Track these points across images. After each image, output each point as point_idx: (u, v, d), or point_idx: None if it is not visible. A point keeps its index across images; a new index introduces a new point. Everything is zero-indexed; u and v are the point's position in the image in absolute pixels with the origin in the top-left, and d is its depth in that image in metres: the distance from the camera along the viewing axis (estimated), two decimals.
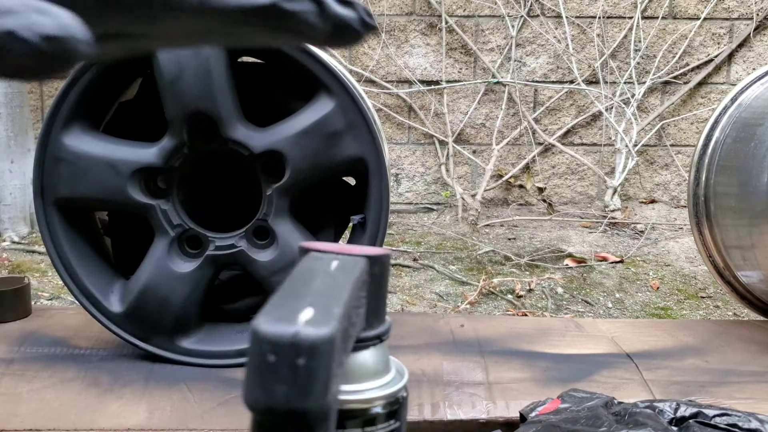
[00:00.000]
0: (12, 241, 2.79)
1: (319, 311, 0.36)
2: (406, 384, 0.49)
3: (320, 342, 0.34)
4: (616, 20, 3.34)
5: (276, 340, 0.34)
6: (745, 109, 1.42)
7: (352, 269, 0.43)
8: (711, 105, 3.36)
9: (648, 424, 0.84)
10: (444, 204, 3.43)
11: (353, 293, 0.41)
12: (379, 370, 0.48)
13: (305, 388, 0.34)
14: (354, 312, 0.42)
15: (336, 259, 0.44)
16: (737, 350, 1.29)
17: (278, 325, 0.34)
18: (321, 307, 0.37)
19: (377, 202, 1.17)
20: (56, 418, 1.02)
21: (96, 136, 1.15)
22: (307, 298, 0.37)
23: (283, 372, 0.34)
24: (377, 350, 0.48)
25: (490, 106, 3.40)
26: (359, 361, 0.47)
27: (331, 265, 0.43)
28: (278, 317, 0.35)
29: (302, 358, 0.34)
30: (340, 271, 0.42)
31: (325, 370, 0.34)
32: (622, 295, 2.36)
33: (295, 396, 0.34)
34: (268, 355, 0.34)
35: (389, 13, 3.33)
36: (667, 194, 3.45)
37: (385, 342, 0.49)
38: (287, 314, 0.35)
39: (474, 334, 1.32)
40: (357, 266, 0.44)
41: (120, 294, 1.19)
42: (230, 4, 0.30)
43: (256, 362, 0.34)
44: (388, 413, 0.47)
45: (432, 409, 1.07)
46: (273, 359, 0.34)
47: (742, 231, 1.37)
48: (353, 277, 0.42)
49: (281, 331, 0.34)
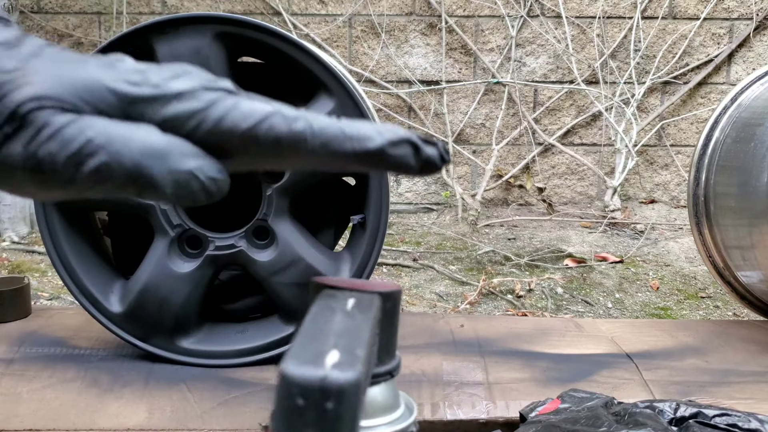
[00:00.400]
0: (12, 241, 2.79)
1: (344, 354, 0.36)
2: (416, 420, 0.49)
3: (348, 386, 0.34)
4: (615, 20, 3.34)
5: (305, 384, 0.34)
6: (744, 109, 1.42)
7: (368, 308, 0.44)
8: (711, 105, 3.36)
9: (648, 424, 0.84)
10: (444, 204, 3.43)
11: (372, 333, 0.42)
12: (388, 405, 0.49)
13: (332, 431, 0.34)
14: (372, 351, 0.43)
15: (352, 297, 0.45)
16: (737, 350, 1.29)
17: (306, 368, 0.35)
18: (345, 349, 0.37)
19: (377, 202, 1.17)
20: (56, 418, 1.02)
21: None
22: (330, 340, 0.38)
23: (312, 416, 0.34)
24: (387, 386, 0.49)
25: (490, 106, 3.40)
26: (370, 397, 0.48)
27: (348, 304, 0.43)
28: (305, 360, 0.35)
29: (330, 402, 0.34)
30: (357, 310, 0.43)
31: (352, 413, 0.35)
32: (621, 296, 2.36)
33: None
34: (296, 398, 0.34)
35: (389, 13, 3.33)
36: (667, 194, 3.45)
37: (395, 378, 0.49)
38: (314, 357, 0.35)
39: (474, 334, 1.31)
40: (372, 304, 0.44)
41: (120, 294, 1.19)
42: (346, 150, 0.37)
43: (285, 406, 0.34)
44: None
45: (432, 409, 1.07)
46: (302, 403, 0.34)
47: (742, 231, 1.37)
48: (370, 316, 0.42)
49: (310, 375, 0.34)
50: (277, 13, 3.31)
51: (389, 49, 3.34)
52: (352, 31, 3.35)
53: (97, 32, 3.33)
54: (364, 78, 3.34)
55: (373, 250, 1.18)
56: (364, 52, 3.35)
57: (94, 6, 3.33)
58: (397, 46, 3.35)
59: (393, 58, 3.34)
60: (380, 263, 2.56)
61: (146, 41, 1.10)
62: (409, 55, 3.36)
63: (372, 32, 3.34)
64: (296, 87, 1.22)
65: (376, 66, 3.35)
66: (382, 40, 3.33)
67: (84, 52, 3.34)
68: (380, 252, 1.19)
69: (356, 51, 3.36)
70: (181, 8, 3.32)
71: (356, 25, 3.34)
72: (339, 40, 3.35)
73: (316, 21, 3.34)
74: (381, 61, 3.35)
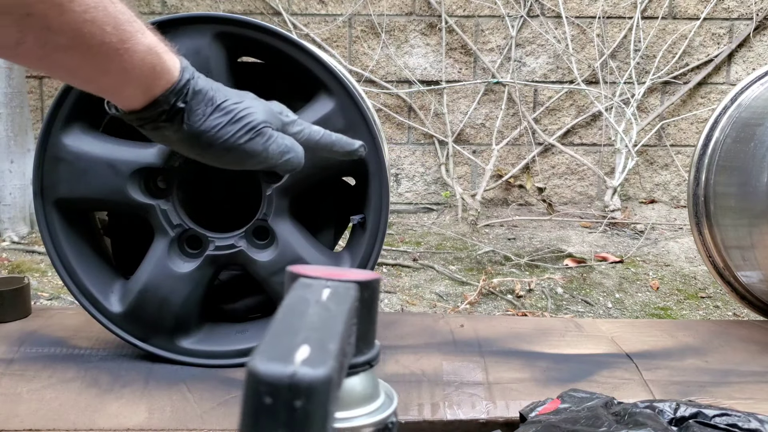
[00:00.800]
0: (12, 241, 2.79)
1: (315, 349, 0.35)
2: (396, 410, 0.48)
3: (318, 383, 0.33)
4: (615, 20, 3.34)
5: (273, 382, 0.33)
6: (744, 109, 1.42)
7: (344, 298, 0.42)
8: (711, 105, 3.36)
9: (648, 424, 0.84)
10: (444, 204, 3.43)
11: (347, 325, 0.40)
12: (368, 395, 0.47)
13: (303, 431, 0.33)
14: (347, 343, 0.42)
15: (327, 287, 0.43)
16: (737, 350, 1.29)
17: (274, 365, 0.33)
18: (317, 343, 0.35)
19: (377, 202, 1.17)
20: (56, 418, 1.02)
21: (96, 136, 1.15)
22: (301, 334, 0.36)
23: (281, 415, 0.33)
24: (366, 376, 0.47)
25: (489, 106, 3.40)
26: (348, 388, 0.46)
27: (323, 295, 0.42)
28: (274, 357, 0.34)
29: (300, 400, 0.33)
30: (332, 301, 0.41)
31: (322, 411, 0.33)
32: (621, 295, 2.36)
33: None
34: (264, 397, 0.33)
35: (389, 13, 3.33)
36: (667, 194, 3.45)
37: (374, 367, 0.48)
38: (283, 353, 0.34)
39: (474, 334, 1.31)
40: (348, 294, 0.43)
41: (120, 294, 1.19)
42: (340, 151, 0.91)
43: (252, 405, 0.33)
44: None
45: (432, 409, 1.07)
46: (269, 402, 0.33)
47: (742, 231, 1.37)
48: (346, 307, 0.41)
49: (278, 372, 0.33)
50: (277, 13, 3.31)
51: (389, 49, 3.34)
52: (352, 31, 3.35)
53: None
54: (364, 78, 3.34)
55: (373, 250, 1.18)
56: (364, 52, 3.35)
57: None
58: (397, 46, 3.35)
59: (393, 58, 3.34)
60: (380, 263, 2.56)
61: None
62: (409, 55, 3.36)
63: (372, 32, 3.34)
64: (296, 87, 1.22)
65: (376, 66, 3.35)
66: (382, 40, 3.33)
67: None
68: (380, 252, 1.18)
69: (356, 51, 3.36)
70: (181, 8, 3.32)
71: (356, 25, 3.34)
72: (339, 40, 3.35)
73: (316, 21, 3.34)
74: (381, 61, 3.35)
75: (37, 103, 3.36)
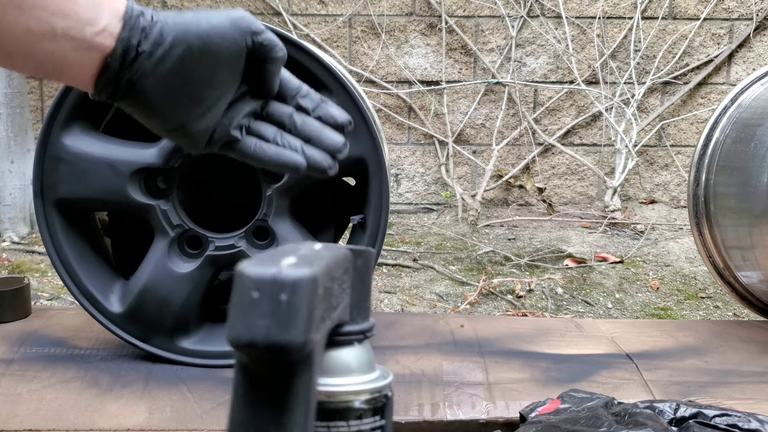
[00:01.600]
0: (12, 241, 2.79)
1: (300, 259, 0.38)
2: (391, 384, 0.49)
3: (302, 279, 0.36)
4: (615, 20, 3.34)
5: (259, 278, 0.36)
6: (744, 109, 1.42)
7: (335, 250, 0.45)
8: (711, 105, 3.36)
9: (648, 425, 0.84)
10: (444, 204, 3.43)
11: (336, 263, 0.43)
12: (364, 366, 0.49)
13: (286, 323, 0.35)
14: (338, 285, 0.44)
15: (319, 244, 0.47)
16: (737, 351, 1.29)
17: (261, 267, 0.36)
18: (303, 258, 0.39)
19: (377, 202, 1.17)
20: (56, 419, 1.02)
21: (96, 137, 1.15)
22: (291, 255, 0.39)
23: (265, 307, 0.35)
24: (362, 347, 0.49)
25: (490, 106, 3.40)
26: (345, 356, 0.48)
27: (315, 245, 0.45)
28: (261, 262, 0.37)
29: (284, 294, 0.35)
30: (324, 249, 0.45)
31: (306, 306, 0.36)
32: (622, 296, 2.36)
33: (276, 330, 0.35)
34: (251, 291, 0.36)
35: (389, 13, 3.33)
36: (667, 194, 3.45)
37: (369, 341, 0.50)
38: (270, 261, 0.37)
39: (474, 334, 1.31)
40: (341, 250, 0.46)
41: (120, 294, 1.19)
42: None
43: (239, 299, 0.36)
44: (374, 409, 0.48)
45: (432, 409, 1.07)
46: (256, 296, 0.36)
47: (742, 231, 1.37)
48: (335, 254, 0.44)
49: (264, 271, 0.36)
50: (277, 14, 3.31)
51: (389, 50, 3.34)
52: (352, 32, 3.35)
53: None
54: (364, 78, 3.34)
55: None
56: (364, 52, 3.35)
57: None
58: (397, 46, 3.35)
59: (393, 59, 3.34)
60: (380, 263, 2.56)
61: None
62: (409, 55, 3.36)
63: (372, 32, 3.34)
64: None
65: (376, 66, 3.35)
66: (382, 40, 3.33)
67: None
68: (380, 252, 1.18)
69: (356, 51, 3.36)
70: (181, 9, 3.32)
71: (356, 26, 3.34)
72: (339, 41, 3.35)
73: (316, 21, 3.34)
74: (381, 62, 3.35)
75: (37, 103, 3.36)
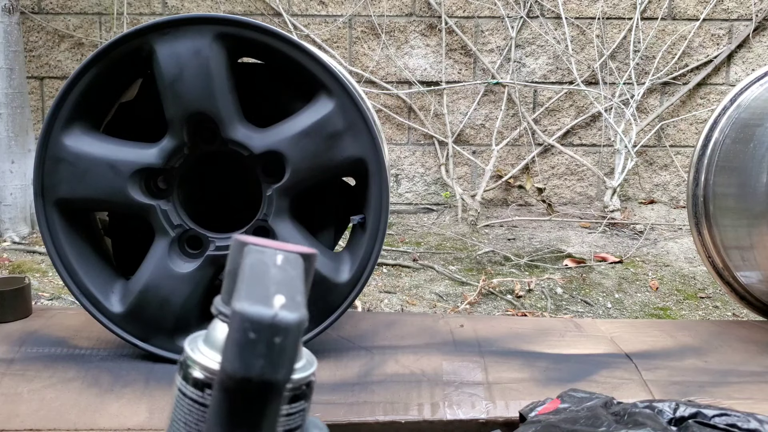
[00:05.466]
0: (12, 241, 2.80)
1: (288, 298, 0.42)
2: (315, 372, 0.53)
3: (294, 324, 0.40)
4: (615, 21, 3.35)
5: (258, 320, 0.39)
6: (744, 110, 1.43)
7: (295, 263, 0.49)
8: (710, 106, 3.36)
9: (647, 424, 0.84)
10: (444, 204, 3.43)
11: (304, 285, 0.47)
12: None
13: (278, 363, 0.40)
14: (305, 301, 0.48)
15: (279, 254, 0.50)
16: (736, 350, 1.29)
17: (258, 307, 0.40)
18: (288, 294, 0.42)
19: (377, 203, 1.17)
20: (56, 418, 1.02)
21: (96, 137, 1.16)
22: (272, 286, 0.43)
23: (261, 348, 0.39)
24: None
25: (489, 106, 3.40)
26: None
27: (277, 260, 0.49)
28: (256, 301, 0.40)
29: (279, 337, 0.39)
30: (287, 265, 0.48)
31: (294, 349, 0.40)
32: (621, 296, 2.36)
33: (269, 369, 0.39)
34: (249, 332, 0.39)
35: (389, 14, 3.33)
36: (667, 195, 3.45)
37: None
38: (262, 299, 0.41)
39: (474, 334, 1.32)
40: (298, 262, 0.50)
41: (120, 294, 1.19)
42: None
43: (238, 338, 0.40)
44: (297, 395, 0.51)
45: (432, 409, 1.07)
46: (253, 336, 0.39)
47: (741, 231, 1.37)
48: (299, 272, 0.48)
49: (262, 313, 0.40)
50: (278, 14, 3.31)
51: (389, 50, 3.34)
52: (353, 32, 3.35)
53: (98, 33, 3.34)
54: (365, 79, 3.35)
55: (373, 251, 1.18)
56: (365, 52, 3.36)
57: (94, 6, 3.33)
58: (397, 46, 3.35)
59: (393, 59, 3.35)
60: (380, 263, 2.56)
61: (147, 42, 1.10)
62: (409, 55, 3.37)
63: (372, 33, 3.35)
64: (296, 88, 1.22)
65: (376, 67, 3.36)
66: (382, 40, 3.33)
67: (84, 52, 3.34)
68: (380, 252, 1.19)
69: (356, 52, 3.36)
70: (181, 9, 3.32)
71: (356, 26, 3.35)
72: (339, 41, 3.35)
73: (316, 22, 3.34)
74: (381, 62, 3.36)
75: (37, 103, 3.37)
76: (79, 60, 3.35)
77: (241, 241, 0.52)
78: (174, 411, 0.52)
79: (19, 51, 2.82)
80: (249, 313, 0.40)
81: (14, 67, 2.79)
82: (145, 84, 1.26)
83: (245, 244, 0.51)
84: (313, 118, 1.12)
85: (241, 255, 0.50)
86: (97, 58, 1.10)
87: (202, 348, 0.51)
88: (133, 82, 1.24)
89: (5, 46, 2.75)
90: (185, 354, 0.52)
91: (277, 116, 1.16)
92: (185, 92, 1.09)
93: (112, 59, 1.11)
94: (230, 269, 0.52)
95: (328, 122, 1.12)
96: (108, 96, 1.20)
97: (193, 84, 1.09)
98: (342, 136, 1.13)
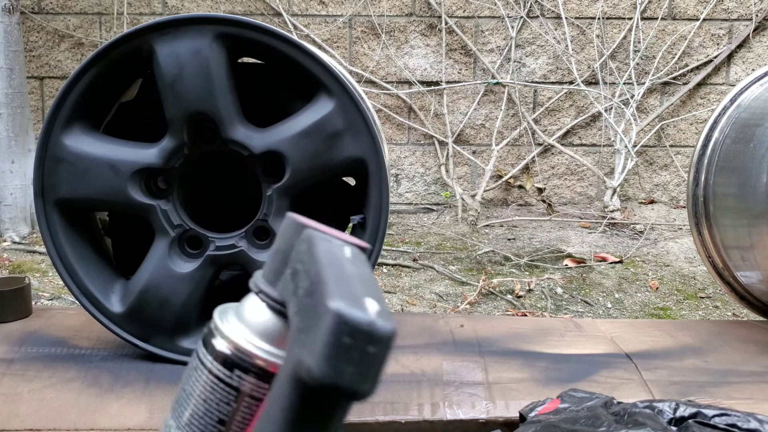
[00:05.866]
0: (13, 241, 2.80)
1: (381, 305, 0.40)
2: None
3: (389, 336, 0.38)
4: (615, 21, 3.35)
5: (356, 325, 0.37)
6: (744, 109, 1.43)
7: (363, 259, 0.47)
8: (710, 106, 3.36)
9: (647, 424, 0.84)
10: (444, 204, 3.43)
11: None
12: None
13: (367, 374, 0.37)
14: None
15: (346, 246, 0.48)
16: (736, 350, 1.29)
17: (356, 311, 0.38)
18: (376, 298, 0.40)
19: (377, 203, 1.17)
20: (57, 418, 1.02)
21: (96, 137, 1.16)
22: (357, 286, 0.41)
23: (355, 356, 0.37)
24: None
25: (489, 106, 3.40)
26: None
27: (346, 252, 0.47)
28: (351, 302, 0.38)
29: (373, 346, 0.37)
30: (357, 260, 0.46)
31: (384, 361, 0.38)
32: (621, 296, 2.36)
33: (358, 378, 0.37)
34: (344, 336, 0.37)
35: (389, 14, 3.33)
36: (667, 195, 3.45)
37: None
38: (354, 300, 0.39)
39: (474, 334, 1.32)
40: (362, 257, 0.48)
41: (120, 294, 1.19)
42: None
43: (332, 341, 0.37)
44: None
45: (432, 409, 1.07)
46: (348, 342, 0.37)
47: (741, 231, 1.37)
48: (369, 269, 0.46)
49: (360, 318, 0.37)
50: (278, 14, 3.31)
51: (389, 50, 3.34)
52: (353, 32, 3.35)
53: (98, 33, 3.34)
54: (365, 78, 3.35)
55: (373, 250, 1.18)
56: (365, 52, 3.36)
57: (94, 6, 3.33)
58: (397, 46, 3.35)
59: (393, 59, 3.35)
60: (380, 263, 2.56)
61: (147, 42, 1.10)
62: (409, 55, 3.37)
63: (372, 33, 3.34)
64: (296, 88, 1.22)
65: (377, 67, 3.36)
66: (382, 40, 3.33)
67: (84, 52, 3.34)
68: (380, 252, 1.19)
69: (356, 52, 3.36)
70: (181, 9, 3.32)
71: (356, 26, 3.35)
72: (339, 41, 3.35)
73: (316, 22, 3.34)
74: (381, 62, 3.36)
75: (37, 103, 3.37)
76: (79, 60, 3.35)
77: (299, 222, 0.49)
78: (191, 383, 0.50)
79: (19, 51, 2.82)
80: (348, 317, 0.37)
81: (14, 67, 2.79)
82: (145, 84, 1.26)
83: (304, 226, 0.48)
84: (313, 118, 1.12)
85: (297, 237, 0.48)
86: (97, 58, 1.10)
87: (233, 322, 0.49)
88: (133, 82, 1.24)
89: (5, 46, 2.75)
90: (214, 325, 0.50)
91: (277, 116, 1.16)
92: (185, 92, 1.09)
93: (112, 59, 1.11)
94: (281, 248, 0.49)
95: (328, 122, 1.12)
96: (108, 96, 1.20)
97: (193, 84, 1.09)
98: (342, 136, 1.13)
